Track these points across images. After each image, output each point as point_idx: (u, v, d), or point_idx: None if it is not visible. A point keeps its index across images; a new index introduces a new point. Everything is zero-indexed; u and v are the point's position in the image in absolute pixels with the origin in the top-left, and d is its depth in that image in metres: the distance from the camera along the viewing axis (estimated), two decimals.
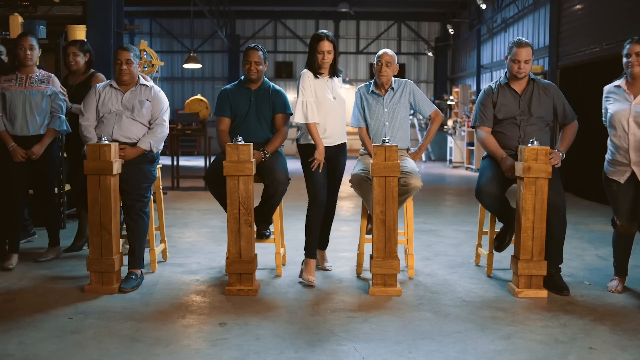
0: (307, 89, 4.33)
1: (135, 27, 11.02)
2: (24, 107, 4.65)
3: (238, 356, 3.02)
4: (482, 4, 14.94)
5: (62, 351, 3.06)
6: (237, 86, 4.69)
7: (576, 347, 3.17)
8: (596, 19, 9.41)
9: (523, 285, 4.05)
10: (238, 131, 4.41)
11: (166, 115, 4.52)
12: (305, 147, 4.43)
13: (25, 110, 4.66)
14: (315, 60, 4.35)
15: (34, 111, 4.67)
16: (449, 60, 20.58)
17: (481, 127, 4.46)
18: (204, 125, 10.35)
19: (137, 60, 4.50)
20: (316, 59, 4.34)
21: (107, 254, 4.06)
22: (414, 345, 3.20)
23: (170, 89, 20.34)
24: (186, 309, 3.75)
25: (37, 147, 4.68)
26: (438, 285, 4.33)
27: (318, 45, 4.33)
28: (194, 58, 13.49)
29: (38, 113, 4.69)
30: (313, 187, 4.39)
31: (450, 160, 16.02)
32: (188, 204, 8.50)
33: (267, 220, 4.59)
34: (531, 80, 4.42)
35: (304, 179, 4.40)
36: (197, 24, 19.49)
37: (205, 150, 10.04)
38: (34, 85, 4.70)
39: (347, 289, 4.21)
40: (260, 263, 4.65)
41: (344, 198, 9.29)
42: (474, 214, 6.67)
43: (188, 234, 6.22)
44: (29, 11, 7.04)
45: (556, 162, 4.12)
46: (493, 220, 4.57)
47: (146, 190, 4.34)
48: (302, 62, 20.84)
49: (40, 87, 4.71)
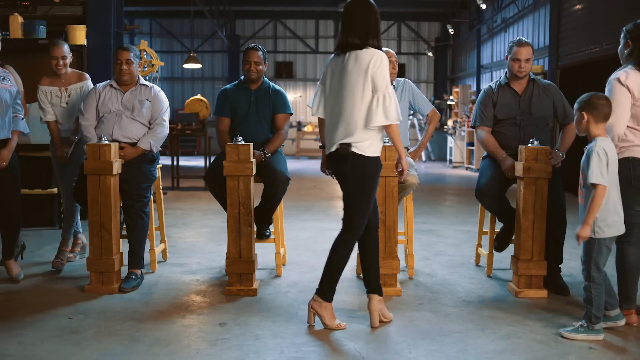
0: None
1: (135, 27, 11.00)
2: None
3: (238, 356, 3.02)
4: (482, 4, 14.93)
5: (62, 351, 3.06)
6: (237, 86, 4.70)
7: (576, 347, 3.17)
8: (596, 19, 9.41)
9: (523, 285, 4.04)
10: (238, 131, 4.42)
11: (166, 115, 4.52)
12: (375, 160, 3.37)
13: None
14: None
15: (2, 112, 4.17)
16: (449, 60, 20.57)
17: (481, 127, 4.47)
18: (204, 125, 10.34)
19: (137, 60, 4.50)
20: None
21: (107, 254, 4.06)
22: (414, 345, 3.20)
23: (170, 89, 20.33)
24: (186, 309, 3.75)
25: (5, 153, 4.20)
26: (438, 285, 4.33)
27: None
28: (194, 58, 13.48)
29: (5, 114, 4.19)
30: (369, 209, 3.42)
31: (450, 160, 16.01)
32: (188, 204, 8.50)
33: (267, 220, 4.59)
34: (531, 80, 4.42)
35: (358, 201, 3.35)
36: (197, 24, 19.48)
37: (205, 150, 10.03)
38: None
39: (347, 289, 4.20)
40: (260, 263, 4.65)
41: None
42: (474, 214, 6.67)
43: (188, 234, 6.22)
44: (29, 11, 7.03)
45: (556, 162, 4.12)
46: (493, 220, 4.57)
47: (146, 190, 4.34)
48: (302, 62, 20.86)
49: (4, 84, 4.20)
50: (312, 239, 6.02)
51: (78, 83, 4.79)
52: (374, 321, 3.46)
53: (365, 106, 3.28)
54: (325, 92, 3.50)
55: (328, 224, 6.86)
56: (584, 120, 3.30)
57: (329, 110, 3.45)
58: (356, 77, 3.29)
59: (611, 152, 3.25)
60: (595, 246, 3.27)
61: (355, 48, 3.32)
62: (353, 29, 3.33)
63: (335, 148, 3.34)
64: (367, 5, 3.36)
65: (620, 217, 3.30)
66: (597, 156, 3.20)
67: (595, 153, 3.21)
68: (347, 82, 3.32)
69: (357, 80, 3.29)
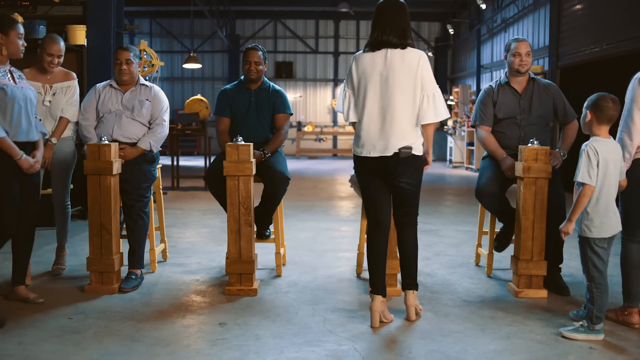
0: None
1: (135, 27, 11.00)
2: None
3: (238, 356, 3.02)
4: (482, 4, 14.93)
5: (62, 351, 3.06)
6: (237, 86, 4.70)
7: (576, 347, 3.17)
8: (596, 19, 9.41)
9: (523, 285, 4.04)
10: (238, 131, 4.41)
11: (166, 115, 4.52)
12: (423, 157, 3.55)
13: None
14: None
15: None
16: (449, 60, 20.57)
17: (481, 126, 4.47)
18: (204, 125, 10.34)
19: (137, 60, 4.49)
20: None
21: (107, 254, 4.06)
22: (414, 345, 3.20)
23: (170, 89, 20.33)
24: (186, 309, 3.75)
25: (39, 154, 3.86)
26: (438, 285, 4.33)
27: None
28: (194, 58, 13.49)
29: (32, 114, 3.81)
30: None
31: (450, 160, 16.02)
32: (188, 204, 8.50)
33: (267, 220, 4.59)
34: (531, 80, 4.43)
35: (417, 197, 3.57)
36: (197, 24, 19.49)
37: (205, 150, 10.03)
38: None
39: (347, 289, 4.20)
40: (260, 263, 4.65)
41: (344, 198, 9.29)
42: (474, 214, 6.67)
43: (188, 234, 6.22)
44: (29, 11, 7.04)
45: (555, 163, 4.11)
46: (493, 220, 4.57)
47: (146, 190, 4.34)
48: (302, 62, 20.86)
49: (24, 83, 3.82)
50: (312, 239, 6.02)
51: (65, 82, 4.47)
52: (409, 315, 3.56)
53: (417, 105, 3.36)
54: (358, 94, 3.45)
55: (328, 224, 6.86)
56: (587, 119, 3.32)
57: (370, 110, 3.40)
58: (407, 76, 3.34)
59: (606, 153, 3.24)
60: (586, 245, 3.29)
61: (392, 47, 3.37)
62: (389, 27, 3.38)
63: (393, 152, 3.36)
64: (401, 5, 3.44)
65: (613, 219, 3.29)
66: (586, 155, 3.22)
67: (585, 152, 3.23)
68: (396, 82, 3.35)
69: (407, 80, 3.34)
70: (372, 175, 3.49)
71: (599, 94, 3.33)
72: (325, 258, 5.18)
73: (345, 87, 3.53)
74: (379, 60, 3.39)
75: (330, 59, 20.90)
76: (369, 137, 3.41)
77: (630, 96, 3.41)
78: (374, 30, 3.44)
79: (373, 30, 3.45)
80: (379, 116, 3.39)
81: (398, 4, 3.44)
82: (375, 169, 3.45)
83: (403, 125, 3.35)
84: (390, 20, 3.39)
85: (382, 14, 3.43)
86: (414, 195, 3.51)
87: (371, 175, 3.50)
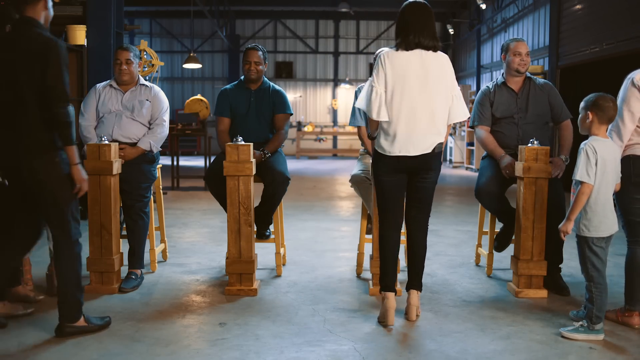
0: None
1: (135, 27, 11.01)
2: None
3: (238, 356, 3.02)
4: (482, 4, 14.94)
5: (62, 351, 3.06)
6: (237, 86, 4.70)
7: (576, 347, 3.17)
8: (596, 19, 9.41)
9: (523, 285, 4.04)
10: (238, 131, 4.41)
11: (166, 115, 4.52)
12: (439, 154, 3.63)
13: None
14: None
15: None
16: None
17: (480, 126, 4.48)
18: (204, 125, 10.35)
19: (137, 60, 4.49)
20: None
21: (107, 254, 4.06)
22: (414, 345, 3.20)
23: (170, 89, 20.34)
24: (186, 309, 3.75)
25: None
26: (438, 285, 4.33)
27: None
28: (194, 58, 13.48)
29: None
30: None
31: (450, 160, 16.02)
32: (188, 204, 8.50)
33: (267, 220, 4.59)
34: (527, 79, 4.47)
35: (433, 192, 3.64)
36: (197, 24, 19.49)
37: (205, 150, 10.04)
38: None
39: (347, 289, 4.20)
40: (260, 263, 4.65)
41: (344, 198, 9.29)
42: (474, 214, 6.67)
43: (188, 234, 6.22)
44: None
45: (557, 172, 4.10)
46: (493, 220, 4.57)
47: (146, 190, 4.34)
48: (302, 62, 20.86)
49: None
50: (312, 239, 6.02)
51: None
52: (411, 315, 3.57)
53: (448, 105, 3.47)
54: (393, 92, 3.40)
55: (328, 224, 6.86)
56: (588, 120, 3.31)
57: (409, 109, 3.39)
58: (442, 77, 3.44)
59: (604, 152, 3.24)
60: (585, 245, 3.29)
61: (426, 48, 3.42)
62: (426, 30, 3.41)
63: (432, 149, 3.44)
64: (430, 9, 3.50)
65: (610, 218, 3.29)
66: (585, 154, 3.23)
67: (584, 151, 3.23)
68: (432, 82, 3.41)
69: (441, 80, 3.43)
70: (399, 174, 3.50)
71: (597, 94, 3.33)
72: (325, 258, 5.18)
73: (374, 84, 3.43)
74: (415, 60, 3.41)
75: (330, 59, 20.91)
76: (410, 135, 3.40)
77: (622, 96, 3.42)
78: (407, 32, 3.41)
79: (406, 31, 3.42)
80: (420, 115, 3.40)
81: (428, 7, 3.49)
82: (405, 167, 3.47)
83: (439, 124, 3.45)
84: (425, 23, 3.43)
85: (414, 15, 3.44)
86: (431, 194, 3.62)
87: (398, 175, 3.50)
